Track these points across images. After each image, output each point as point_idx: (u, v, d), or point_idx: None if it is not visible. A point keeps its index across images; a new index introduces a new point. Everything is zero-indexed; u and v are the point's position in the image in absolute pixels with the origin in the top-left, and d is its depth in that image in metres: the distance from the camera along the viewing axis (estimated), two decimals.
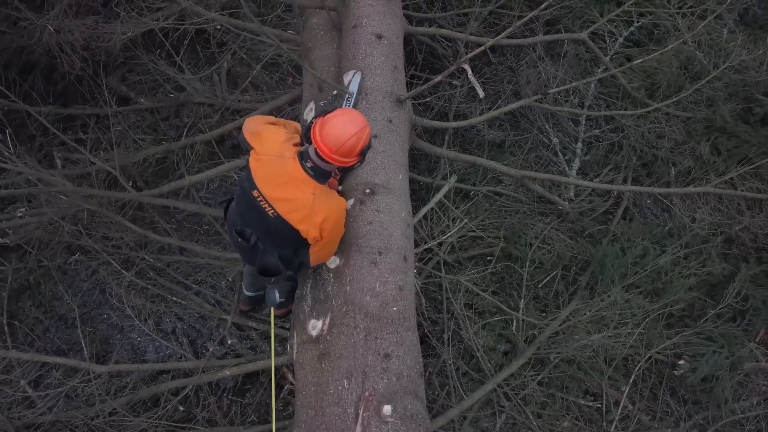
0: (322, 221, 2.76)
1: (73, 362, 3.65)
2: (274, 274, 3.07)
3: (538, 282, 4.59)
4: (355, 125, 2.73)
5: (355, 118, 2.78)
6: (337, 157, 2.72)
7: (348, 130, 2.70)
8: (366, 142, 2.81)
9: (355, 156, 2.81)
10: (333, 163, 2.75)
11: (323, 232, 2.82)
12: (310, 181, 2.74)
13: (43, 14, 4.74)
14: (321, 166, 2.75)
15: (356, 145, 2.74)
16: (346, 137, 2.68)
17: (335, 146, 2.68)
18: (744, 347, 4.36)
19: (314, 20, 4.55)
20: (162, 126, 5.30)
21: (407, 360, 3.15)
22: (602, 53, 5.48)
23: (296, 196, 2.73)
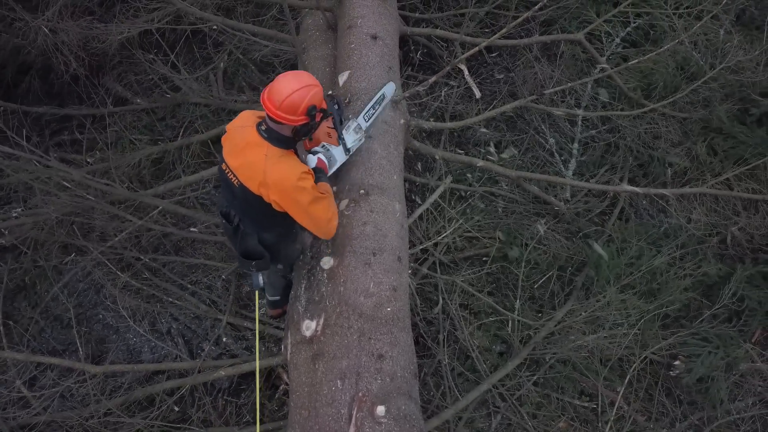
0: (273, 184, 2.72)
1: (68, 363, 3.65)
2: (255, 257, 3.09)
3: (533, 282, 4.59)
4: (299, 82, 2.70)
5: (300, 76, 2.77)
6: (281, 113, 2.67)
7: (290, 86, 2.67)
8: (313, 102, 2.72)
9: (302, 114, 2.71)
10: (279, 120, 2.69)
11: (278, 199, 2.76)
12: (263, 144, 2.74)
13: (39, 15, 4.74)
14: (273, 128, 2.74)
15: (299, 101, 2.67)
16: (287, 92, 2.65)
17: (278, 101, 2.66)
18: (739, 348, 4.36)
19: (309, 21, 4.56)
20: (158, 126, 5.30)
21: (401, 361, 3.15)
22: (599, 54, 5.49)
23: (250, 160, 2.74)
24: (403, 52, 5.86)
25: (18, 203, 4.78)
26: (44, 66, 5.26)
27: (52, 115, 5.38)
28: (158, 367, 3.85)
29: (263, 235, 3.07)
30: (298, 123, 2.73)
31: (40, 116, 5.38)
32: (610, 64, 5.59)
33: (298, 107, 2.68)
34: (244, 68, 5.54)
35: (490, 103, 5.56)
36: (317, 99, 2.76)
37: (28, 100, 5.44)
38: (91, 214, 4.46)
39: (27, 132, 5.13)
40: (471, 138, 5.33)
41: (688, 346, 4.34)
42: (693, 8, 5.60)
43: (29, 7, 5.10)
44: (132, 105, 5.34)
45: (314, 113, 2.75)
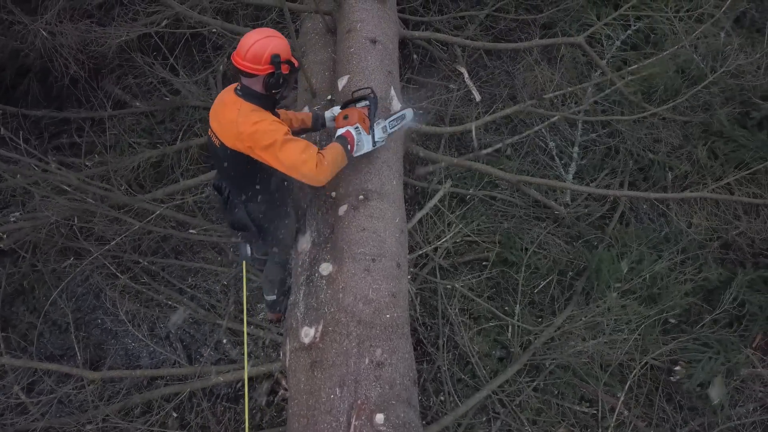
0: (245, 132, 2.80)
1: (65, 369, 3.63)
2: (242, 228, 3.21)
3: (533, 287, 4.57)
4: (262, 33, 2.86)
5: (263, 29, 2.92)
6: (246, 63, 2.80)
7: (253, 37, 2.83)
8: (276, 51, 2.83)
9: (266, 63, 2.82)
10: (246, 71, 2.81)
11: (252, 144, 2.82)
12: (237, 100, 2.87)
13: (37, 17, 4.73)
14: (246, 84, 2.88)
15: (262, 50, 2.81)
16: (251, 42, 2.81)
17: (243, 52, 2.81)
18: (740, 353, 4.34)
19: (309, 24, 4.54)
20: (157, 129, 5.29)
21: (400, 368, 3.13)
22: (599, 57, 5.47)
23: (227, 117, 2.87)
24: (402, 54, 5.84)
25: (17, 207, 4.76)
26: (43, 69, 5.23)
27: (50, 118, 5.37)
28: (156, 373, 3.83)
29: (249, 205, 3.16)
30: (263, 72, 2.83)
31: (39, 119, 5.36)
32: (611, 67, 5.58)
33: (262, 55, 2.81)
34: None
35: (490, 107, 5.54)
36: (281, 49, 2.86)
37: (27, 102, 5.42)
38: (90, 218, 4.45)
39: (26, 135, 5.12)
40: (471, 142, 5.30)
41: (688, 351, 4.32)
42: (693, 11, 5.58)
43: (28, 9, 5.09)
44: (131, 108, 5.33)
45: (278, 62, 2.84)
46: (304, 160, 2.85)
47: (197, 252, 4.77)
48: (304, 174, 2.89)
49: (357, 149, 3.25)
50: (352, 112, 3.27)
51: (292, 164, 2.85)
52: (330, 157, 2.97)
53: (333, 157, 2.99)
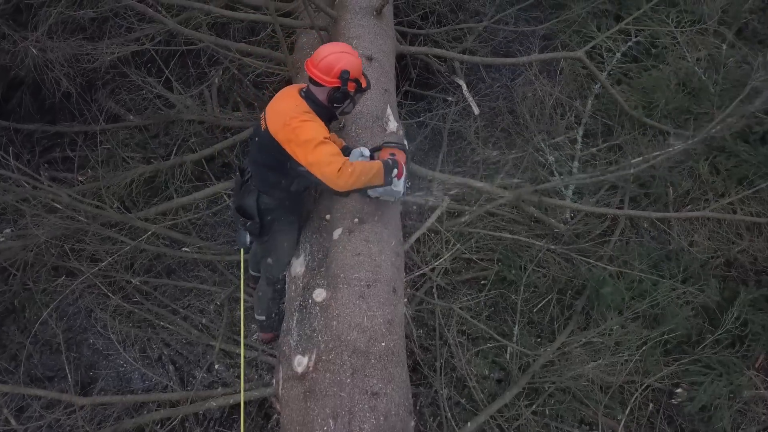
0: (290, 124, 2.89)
1: (54, 394, 3.56)
2: (248, 216, 3.25)
3: (532, 306, 4.50)
4: (340, 47, 3.01)
5: (341, 44, 3.08)
6: (316, 72, 2.94)
7: (330, 48, 2.98)
8: (347, 67, 2.93)
9: (335, 76, 2.93)
10: (315, 79, 2.95)
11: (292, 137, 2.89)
12: (299, 98, 3.02)
13: (28, 31, 4.65)
14: (312, 90, 3.03)
15: (334, 63, 2.92)
16: (326, 53, 2.95)
17: (317, 60, 2.95)
18: (743, 375, 4.26)
19: (304, 39, 4.47)
20: (151, 144, 5.21)
21: (395, 397, 3.06)
22: (600, 69, 5.40)
23: (282, 106, 3.01)
24: (400, 65, 5.77)
25: (7, 224, 4.69)
26: (35, 82, 5.16)
27: (43, 132, 5.30)
28: (148, 398, 3.76)
29: (263, 197, 3.22)
30: (330, 84, 2.95)
31: (32, 133, 5.29)
32: (612, 79, 5.51)
33: (332, 68, 2.92)
34: (239, 83, 5.46)
35: (489, 120, 5.47)
36: (352, 67, 2.96)
37: (19, 116, 5.35)
38: (82, 236, 4.37)
39: (18, 150, 5.06)
40: (469, 156, 5.24)
41: (690, 373, 4.24)
42: (695, 24, 5.51)
43: (20, 21, 5.02)
44: (125, 122, 5.25)
45: (346, 78, 2.94)
46: (329, 162, 2.88)
47: (191, 270, 4.70)
48: (324, 173, 2.90)
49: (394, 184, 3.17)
50: (400, 154, 3.28)
51: (316, 161, 2.88)
52: (359, 168, 2.94)
53: (363, 168, 2.96)
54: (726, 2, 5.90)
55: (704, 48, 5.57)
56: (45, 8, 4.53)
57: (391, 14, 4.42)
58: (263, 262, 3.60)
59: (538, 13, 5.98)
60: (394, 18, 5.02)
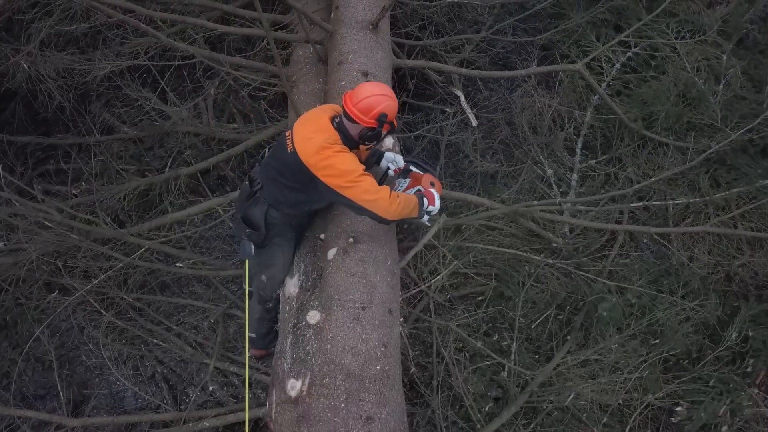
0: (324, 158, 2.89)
1: (44, 416, 3.49)
2: (253, 227, 3.22)
3: (531, 322, 4.44)
4: (382, 89, 3.01)
5: (383, 86, 3.06)
6: (356, 111, 2.93)
7: (373, 90, 2.97)
8: (386, 111, 2.95)
9: (372, 118, 2.94)
10: (352, 118, 2.95)
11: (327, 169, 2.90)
12: (331, 131, 2.99)
13: (21, 43, 4.60)
14: (345, 124, 3.02)
15: (375, 105, 2.93)
16: (367, 94, 2.95)
17: (356, 100, 2.94)
18: (743, 393, 4.21)
19: (300, 53, 4.42)
20: (146, 156, 5.16)
21: (390, 422, 3.01)
22: (599, 80, 5.35)
23: (314, 136, 2.95)
24: (398, 76, 5.72)
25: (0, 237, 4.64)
26: (29, 94, 5.11)
27: (37, 145, 5.24)
28: (139, 419, 3.71)
29: (272, 211, 3.20)
30: (367, 125, 2.96)
31: (25, 145, 5.24)
32: (611, 90, 5.45)
33: (372, 110, 2.94)
34: (235, 95, 5.41)
35: (487, 132, 5.42)
36: (390, 110, 2.99)
37: (13, 128, 5.30)
38: (75, 252, 4.32)
39: (11, 162, 5.02)
40: (466, 169, 5.18)
41: (690, 391, 4.19)
42: (695, 35, 5.46)
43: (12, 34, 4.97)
44: (119, 134, 5.20)
45: (383, 121, 2.97)
46: (377, 190, 2.92)
47: (185, 286, 4.64)
48: (375, 202, 2.92)
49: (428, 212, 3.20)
50: (438, 184, 3.31)
51: (365, 191, 2.91)
52: (403, 200, 3.01)
53: (406, 201, 3.02)
54: (726, 12, 5.86)
55: (704, 59, 5.52)
56: (37, 22, 4.48)
57: (388, 27, 4.36)
58: (257, 278, 3.54)
59: (537, 23, 5.92)
60: (391, 28, 4.98)
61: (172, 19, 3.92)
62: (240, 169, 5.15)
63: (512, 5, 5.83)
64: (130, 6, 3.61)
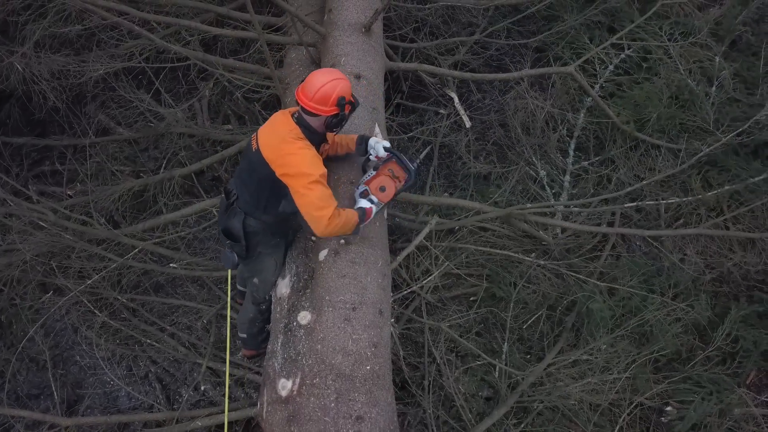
0: (288, 155, 2.88)
1: (38, 415, 3.52)
2: (233, 239, 3.21)
3: (522, 323, 4.47)
4: (331, 75, 2.96)
5: (332, 70, 3.03)
6: (313, 104, 2.90)
7: (323, 78, 2.92)
8: (342, 93, 2.93)
9: (333, 105, 2.92)
10: (313, 112, 2.92)
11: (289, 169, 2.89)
12: (292, 124, 2.98)
13: (15, 44, 4.62)
14: (305, 118, 2.99)
15: (330, 92, 2.90)
16: (320, 83, 2.90)
17: (311, 93, 2.90)
18: (733, 393, 4.24)
19: (293, 55, 4.45)
20: (140, 157, 5.18)
21: (380, 422, 3.04)
22: (592, 82, 5.38)
23: (276, 131, 2.98)
24: (392, 78, 5.75)
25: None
26: (24, 95, 5.13)
27: (32, 146, 5.26)
28: (132, 418, 3.73)
29: (249, 219, 3.17)
30: (329, 113, 2.95)
31: (20, 146, 5.26)
32: (604, 92, 5.49)
33: (330, 98, 2.91)
34: (229, 97, 5.43)
35: (480, 134, 5.45)
36: (347, 91, 2.97)
37: (8, 129, 5.32)
38: (69, 253, 4.34)
39: (6, 163, 5.05)
40: (459, 170, 5.21)
41: (680, 391, 4.21)
42: (688, 37, 5.49)
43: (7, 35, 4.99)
44: (114, 135, 5.22)
45: (344, 103, 2.95)
46: (322, 206, 2.88)
47: (179, 285, 4.66)
48: (316, 218, 2.91)
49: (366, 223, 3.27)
50: (390, 186, 3.34)
51: (311, 202, 2.88)
52: (343, 220, 2.98)
53: (345, 221, 3.01)
54: (719, 15, 5.90)
55: (697, 61, 5.55)
56: (31, 23, 4.51)
57: (381, 30, 4.39)
58: (249, 281, 3.59)
59: (531, 25, 5.95)
60: (385, 30, 5.01)
61: (165, 21, 3.94)
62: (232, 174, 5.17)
63: (506, 8, 5.86)
64: (123, 8, 3.64)
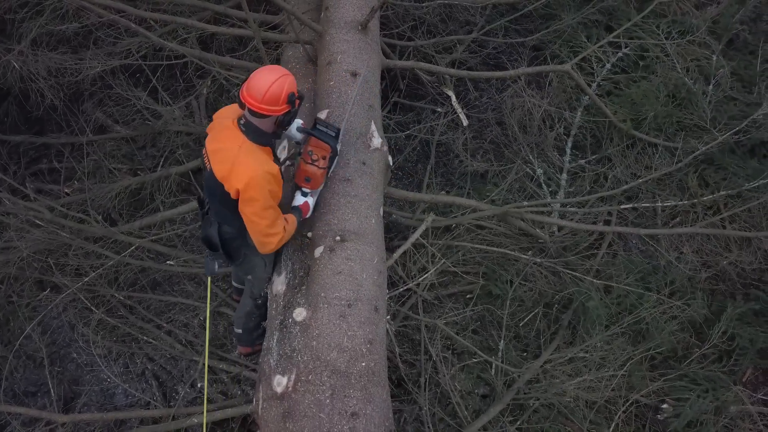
0: (238, 174, 2.77)
1: (34, 412, 3.53)
2: (212, 248, 3.15)
3: (519, 320, 4.48)
4: (276, 72, 2.82)
5: (274, 68, 2.89)
6: (264, 106, 2.76)
7: (269, 78, 2.77)
8: (291, 89, 2.84)
9: (283, 103, 2.82)
10: (262, 113, 2.77)
11: (241, 192, 2.79)
12: (239, 136, 2.83)
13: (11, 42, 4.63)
14: (253, 122, 2.83)
15: (279, 91, 2.78)
16: (268, 83, 2.75)
17: (260, 95, 2.75)
18: (729, 390, 4.25)
19: (290, 53, 4.45)
20: (138, 155, 5.19)
21: (375, 418, 3.04)
22: (589, 80, 5.39)
23: (224, 146, 2.83)
24: (389, 76, 5.76)
25: None
26: (21, 92, 5.14)
27: (30, 144, 5.26)
28: (129, 415, 3.73)
29: (224, 227, 3.11)
30: (281, 112, 2.82)
31: (18, 144, 5.26)
32: (601, 90, 5.49)
33: (280, 96, 2.79)
34: (227, 94, 5.43)
35: (477, 132, 5.45)
36: (293, 86, 2.87)
37: (5, 127, 5.32)
38: (66, 251, 4.35)
39: (4, 161, 5.05)
40: (457, 168, 5.22)
41: (676, 389, 4.23)
42: (685, 35, 5.50)
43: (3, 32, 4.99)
44: (111, 133, 5.22)
45: (294, 99, 2.86)
46: (272, 233, 2.91)
47: (176, 283, 4.67)
48: (264, 243, 2.95)
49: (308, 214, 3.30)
50: (313, 173, 3.23)
51: (261, 230, 2.89)
52: (288, 234, 3.04)
53: (289, 232, 3.06)
54: (716, 13, 5.90)
55: (694, 59, 5.56)
56: (28, 21, 4.51)
57: (377, 28, 4.39)
58: (245, 279, 3.59)
59: (528, 24, 5.96)
60: (382, 29, 5.01)
61: (162, 19, 3.94)
62: None
63: (504, 6, 5.87)
64: (120, 6, 3.64)
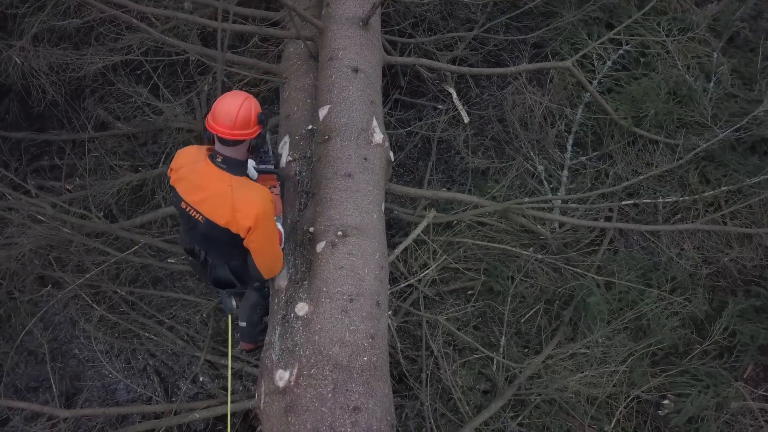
0: (246, 215, 2.73)
1: (36, 407, 3.54)
2: (227, 286, 3.12)
3: (520, 316, 4.48)
4: (239, 96, 2.78)
5: (236, 93, 2.84)
6: (237, 132, 2.71)
7: (235, 102, 2.73)
8: (258, 109, 2.81)
9: (254, 125, 2.79)
10: (237, 139, 2.72)
11: (252, 228, 2.78)
12: (224, 175, 2.75)
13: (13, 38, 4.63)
14: (230, 155, 2.77)
15: (248, 112, 2.74)
16: (236, 108, 2.70)
17: (231, 121, 2.68)
18: (730, 386, 4.25)
19: (291, 49, 4.45)
20: (139, 152, 5.19)
21: (377, 412, 3.05)
22: (590, 77, 5.39)
23: (212, 192, 2.74)
24: (390, 73, 5.76)
25: None
26: (24, 88, 5.13)
27: (31, 141, 5.27)
28: (131, 410, 3.74)
29: (232, 262, 3.07)
30: (254, 135, 2.79)
31: (19, 141, 5.27)
32: (602, 87, 5.50)
33: (250, 118, 2.75)
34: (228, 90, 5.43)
35: (479, 129, 5.46)
36: (257, 105, 2.84)
37: (7, 124, 5.33)
38: (68, 247, 4.35)
39: (5, 158, 5.06)
40: (458, 165, 5.22)
41: (677, 385, 4.23)
42: (685, 32, 5.50)
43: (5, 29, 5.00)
44: (113, 130, 5.22)
45: (263, 120, 2.84)
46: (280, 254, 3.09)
47: (177, 279, 4.68)
48: (275, 267, 3.09)
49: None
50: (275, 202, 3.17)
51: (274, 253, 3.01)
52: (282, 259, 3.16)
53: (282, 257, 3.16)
54: (717, 10, 5.91)
55: (694, 56, 5.56)
56: (29, 17, 4.51)
57: (378, 24, 4.39)
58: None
59: (529, 21, 5.96)
60: (383, 26, 5.01)
61: (164, 15, 3.95)
62: None
63: (504, 3, 5.87)
64: (122, 2, 3.65)
